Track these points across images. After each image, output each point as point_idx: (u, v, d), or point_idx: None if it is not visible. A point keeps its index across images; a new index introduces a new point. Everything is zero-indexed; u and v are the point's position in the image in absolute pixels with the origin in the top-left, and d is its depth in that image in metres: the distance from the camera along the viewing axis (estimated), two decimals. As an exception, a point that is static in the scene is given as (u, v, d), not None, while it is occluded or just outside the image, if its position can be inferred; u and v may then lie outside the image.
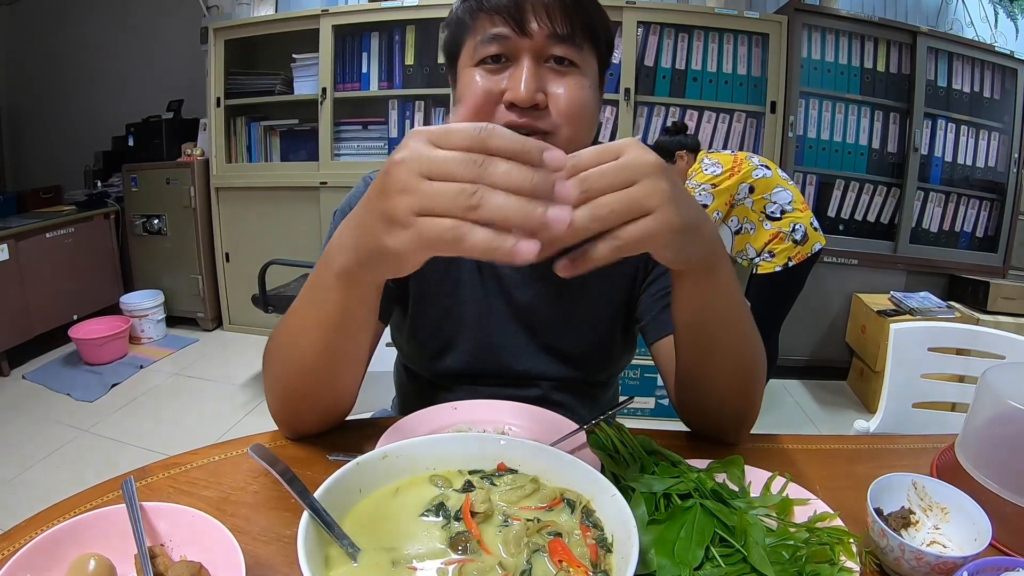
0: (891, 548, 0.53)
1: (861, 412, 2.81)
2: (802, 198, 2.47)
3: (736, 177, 2.39)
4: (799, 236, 2.40)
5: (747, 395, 0.72)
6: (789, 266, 2.42)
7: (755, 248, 2.47)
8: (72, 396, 2.74)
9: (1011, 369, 0.70)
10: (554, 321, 0.84)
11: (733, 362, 0.68)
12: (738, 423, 0.75)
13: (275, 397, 0.71)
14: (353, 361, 0.67)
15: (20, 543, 0.53)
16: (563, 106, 0.68)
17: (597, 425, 0.72)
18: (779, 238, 2.41)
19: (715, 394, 0.72)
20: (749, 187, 2.40)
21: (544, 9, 0.67)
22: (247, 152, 3.43)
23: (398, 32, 3.08)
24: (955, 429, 0.71)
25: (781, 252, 2.41)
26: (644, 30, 2.88)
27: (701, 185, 2.40)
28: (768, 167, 2.44)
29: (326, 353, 0.63)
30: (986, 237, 3.16)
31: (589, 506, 0.51)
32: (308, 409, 0.71)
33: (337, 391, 0.70)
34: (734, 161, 2.42)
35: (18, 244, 2.96)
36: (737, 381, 0.70)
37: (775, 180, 2.42)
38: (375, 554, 0.46)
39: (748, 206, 2.43)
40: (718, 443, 0.76)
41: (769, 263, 2.44)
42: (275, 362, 0.69)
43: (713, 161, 2.43)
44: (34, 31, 4.10)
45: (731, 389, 0.70)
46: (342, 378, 0.68)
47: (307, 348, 0.63)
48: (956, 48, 2.99)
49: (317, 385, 0.67)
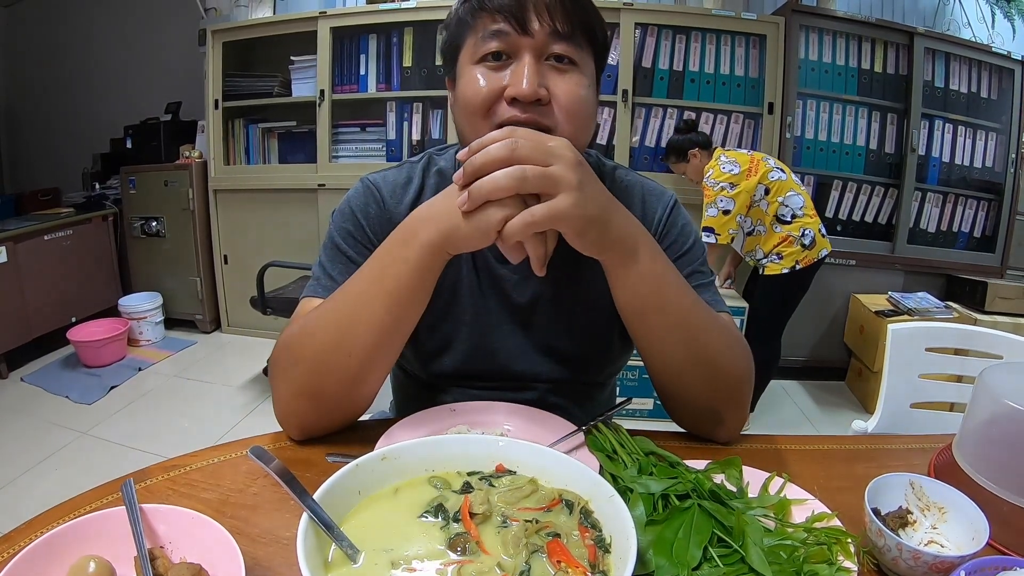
0: (889, 548, 0.54)
1: (859, 412, 2.82)
2: (812, 204, 2.49)
3: (754, 178, 2.39)
4: (808, 241, 2.41)
5: (715, 390, 0.73)
6: (796, 269, 2.43)
7: (763, 250, 2.48)
8: (71, 398, 2.74)
9: (1009, 369, 0.71)
10: (551, 322, 0.84)
11: (682, 350, 0.71)
12: (715, 419, 0.76)
13: (295, 394, 0.71)
14: (404, 338, 0.71)
15: (20, 545, 0.53)
16: (564, 103, 0.69)
17: (595, 426, 0.73)
18: (788, 241, 2.42)
19: (676, 384, 0.74)
20: (765, 188, 2.41)
21: (545, 8, 0.68)
22: (245, 154, 3.43)
23: (396, 34, 3.08)
24: (953, 429, 0.72)
25: (789, 255, 2.42)
26: (642, 31, 2.89)
27: (719, 183, 2.39)
28: (783, 170, 2.45)
29: (392, 324, 0.68)
30: (984, 237, 3.17)
31: (587, 507, 0.51)
32: (333, 403, 0.72)
33: (381, 373, 0.73)
34: (751, 161, 2.42)
35: (16, 246, 2.96)
36: (697, 372, 0.72)
37: (789, 184, 2.43)
38: (374, 555, 0.46)
39: (763, 208, 2.44)
40: (716, 444, 0.76)
41: (776, 265, 2.45)
42: (309, 354, 0.70)
43: (730, 159, 2.43)
44: (33, 33, 4.10)
45: (693, 381, 0.72)
46: (390, 358, 0.72)
47: (372, 321, 0.67)
48: (953, 49, 3.00)
49: (373, 361, 0.70)
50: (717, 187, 2.40)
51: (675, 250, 0.83)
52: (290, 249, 3.19)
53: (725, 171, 2.40)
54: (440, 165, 0.86)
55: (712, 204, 2.42)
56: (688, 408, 0.77)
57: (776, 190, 2.41)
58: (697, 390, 0.73)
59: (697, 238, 0.86)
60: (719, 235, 2.44)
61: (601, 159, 0.90)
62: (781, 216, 2.42)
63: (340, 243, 0.80)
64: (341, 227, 0.81)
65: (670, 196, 0.88)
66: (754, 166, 2.41)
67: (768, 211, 2.43)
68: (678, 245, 0.83)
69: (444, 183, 0.85)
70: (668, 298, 0.69)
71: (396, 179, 0.85)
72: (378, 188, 0.83)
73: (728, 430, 0.77)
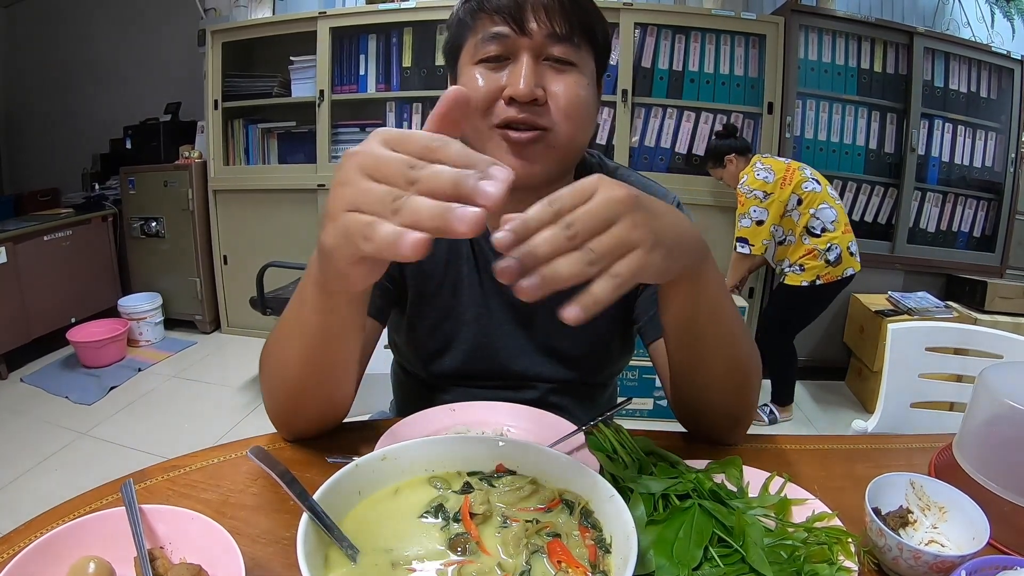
0: (889, 547, 0.54)
1: (859, 412, 2.81)
2: (846, 219, 2.45)
3: (788, 187, 2.37)
4: (832, 257, 2.38)
5: (741, 396, 0.72)
6: (816, 284, 2.41)
7: (790, 260, 2.47)
8: (70, 399, 2.74)
9: (1009, 368, 0.71)
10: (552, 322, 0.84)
11: (725, 362, 0.68)
12: (733, 423, 0.75)
13: (271, 401, 0.72)
14: (341, 369, 0.66)
15: (19, 546, 0.53)
16: (562, 103, 0.69)
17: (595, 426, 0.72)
18: (812, 255, 2.40)
19: (709, 394, 0.72)
20: (798, 199, 2.39)
21: (544, 9, 0.68)
22: (245, 154, 3.43)
23: (396, 34, 3.08)
24: (953, 429, 0.72)
25: (811, 268, 2.41)
26: (641, 31, 2.89)
27: (752, 191, 2.38)
28: (819, 181, 2.42)
29: (309, 363, 0.63)
30: (983, 237, 3.17)
31: (588, 507, 0.51)
32: (302, 414, 0.71)
33: (328, 397, 0.70)
34: (787, 169, 2.40)
35: (16, 247, 2.96)
36: (730, 381, 0.70)
37: (823, 196, 2.41)
38: (374, 555, 0.46)
39: (794, 219, 2.42)
40: (716, 444, 0.76)
41: (797, 276, 2.44)
42: (267, 369, 0.69)
43: (766, 166, 2.41)
44: (32, 33, 4.10)
45: (725, 390, 0.70)
46: (328, 386, 0.68)
47: (290, 359, 0.64)
48: (953, 48, 3.00)
49: (304, 393, 0.67)
50: (751, 195, 2.39)
51: None
52: (290, 249, 3.19)
53: (759, 178, 2.38)
54: None
55: (745, 215, 2.41)
56: (708, 416, 0.75)
57: (808, 201, 2.38)
58: (722, 396, 0.71)
59: None
60: (753, 246, 2.43)
61: (603, 159, 0.90)
62: (811, 228, 2.40)
63: None
64: None
65: (672, 198, 0.87)
66: (789, 175, 2.39)
67: (799, 222, 2.41)
68: None
69: None
70: (725, 311, 0.63)
71: None
72: None
73: (738, 433, 0.76)
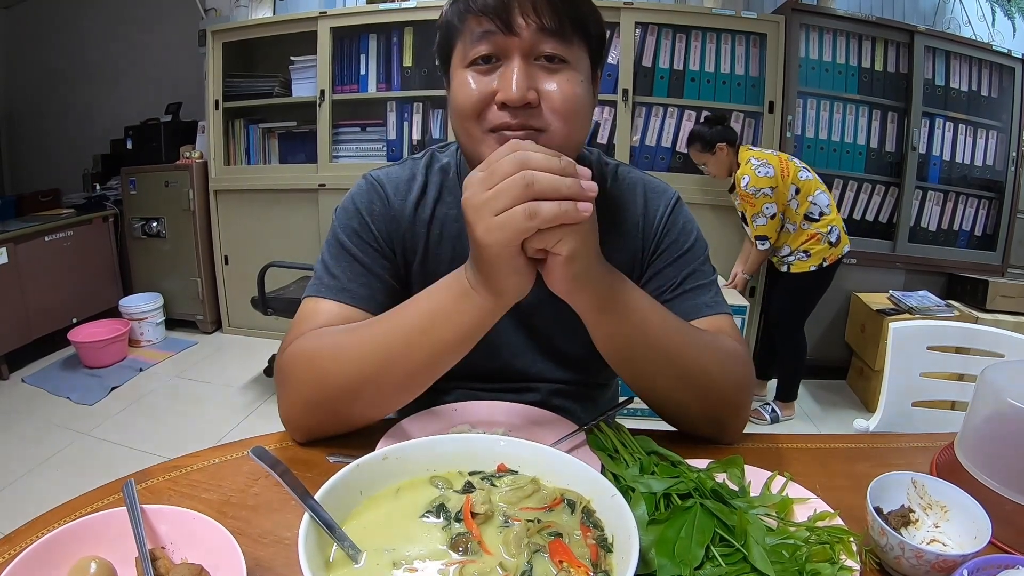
0: (891, 547, 0.53)
1: (860, 411, 2.81)
2: (834, 201, 2.52)
3: (788, 178, 2.42)
4: (834, 238, 2.45)
5: (708, 402, 0.73)
6: (823, 266, 2.47)
7: (790, 247, 2.50)
8: (72, 399, 2.74)
9: (1010, 367, 0.71)
10: (554, 323, 0.84)
11: (672, 378, 0.70)
12: (718, 426, 0.76)
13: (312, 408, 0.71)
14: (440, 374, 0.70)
15: (21, 546, 0.53)
16: (556, 103, 0.67)
17: (596, 426, 0.72)
18: (816, 239, 2.45)
19: (670, 406, 0.74)
20: (796, 188, 2.43)
21: (531, 5, 0.66)
22: (246, 154, 3.44)
23: (396, 34, 3.08)
24: (954, 428, 0.72)
25: (817, 252, 2.46)
26: (642, 31, 2.89)
27: (761, 190, 2.39)
28: (808, 170, 2.47)
29: (431, 368, 0.68)
30: (984, 236, 3.16)
31: (589, 506, 0.51)
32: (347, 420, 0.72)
33: (397, 405, 0.73)
34: (780, 161, 2.44)
35: (17, 247, 2.96)
36: (687, 392, 0.71)
37: (815, 183, 2.46)
38: (376, 555, 0.46)
39: (793, 208, 2.46)
40: (717, 443, 0.76)
41: (804, 262, 2.48)
42: (333, 380, 0.68)
43: (762, 161, 2.42)
44: (32, 34, 4.10)
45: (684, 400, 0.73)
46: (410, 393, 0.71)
47: (410, 367, 0.67)
48: (953, 47, 2.99)
49: (399, 398, 0.71)
50: (759, 194, 2.40)
51: (676, 248, 0.82)
52: (291, 249, 3.19)
53: (762, 175, 2.39)
54: (443, 162, 0.86)
55: (760, 213, 2.44)
56: (686, 419, 0.77)
57: (806, 189, 2.44)
58: (693, 406, 0.73)
59: (698, 236, 0.85)
60: (770, 239, 2.48)
61: (602, 157, 0.90)
62: (810, 215, 2.46)
63: (345, 241, 0.79)
64: (346, 225, 0.80)
65: (672, 193, 0.87)
66: (784, 166, 2.43)
67: (799, 211, 2.46)
68: (679, 243, 0.83)
69: (447, 180, 0.84)
70: (653, 329, 0.68)
71: (399, 176, 0.84)
72: (382, 185, 0.83)
73: (730, 433, 0.76)
